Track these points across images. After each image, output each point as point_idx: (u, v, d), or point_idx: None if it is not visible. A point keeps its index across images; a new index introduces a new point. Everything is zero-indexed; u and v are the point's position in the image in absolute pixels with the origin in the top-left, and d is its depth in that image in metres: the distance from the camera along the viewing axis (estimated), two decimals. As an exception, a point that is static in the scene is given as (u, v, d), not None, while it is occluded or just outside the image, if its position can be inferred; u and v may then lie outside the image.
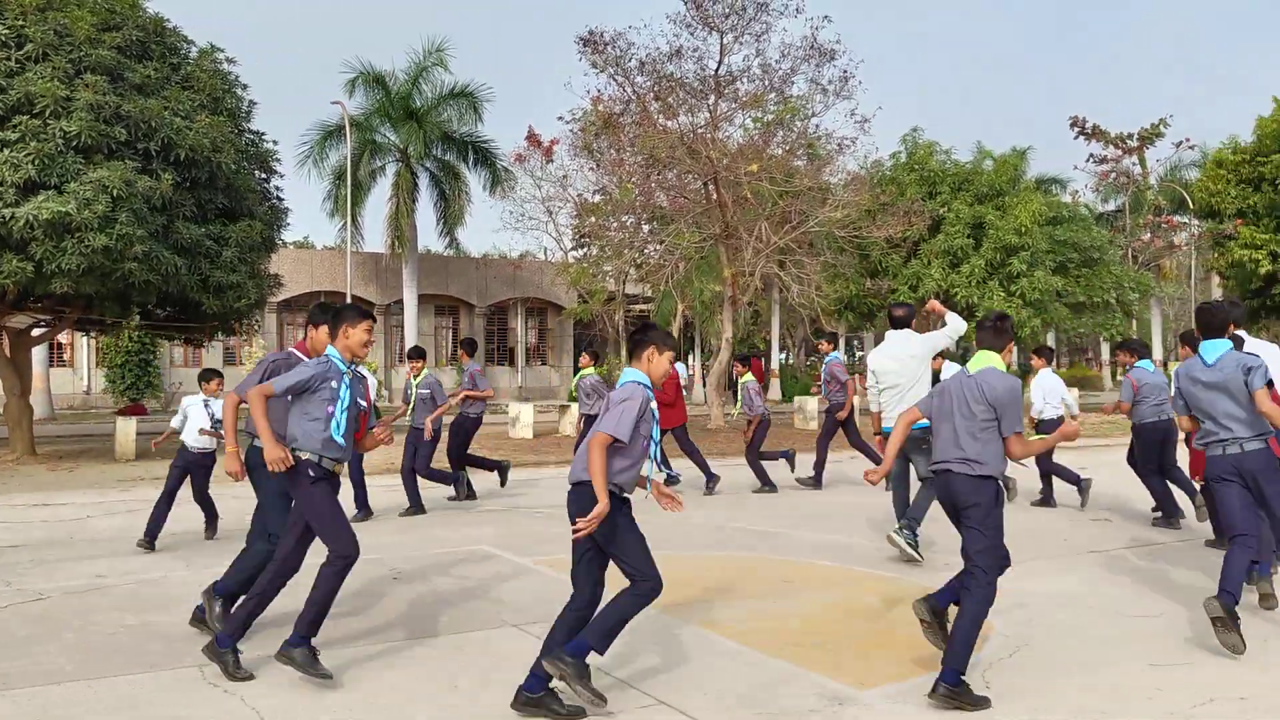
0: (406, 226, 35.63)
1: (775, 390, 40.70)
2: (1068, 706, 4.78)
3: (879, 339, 50.84)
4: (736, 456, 16.69)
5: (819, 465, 13.38)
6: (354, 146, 33.12)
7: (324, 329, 5.87)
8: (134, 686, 5.19)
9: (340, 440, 5.35)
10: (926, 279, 27.03)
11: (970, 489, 5.09)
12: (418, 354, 11.61)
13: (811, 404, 25.09)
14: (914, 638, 5.83)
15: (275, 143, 19.73)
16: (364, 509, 10.67)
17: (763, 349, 47.96)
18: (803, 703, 4.86)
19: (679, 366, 24.06)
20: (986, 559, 5.04)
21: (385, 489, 12.29)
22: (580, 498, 4.82)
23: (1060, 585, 7.37)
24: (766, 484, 12.95)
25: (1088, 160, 43.24)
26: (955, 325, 8.87)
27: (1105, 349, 48.00)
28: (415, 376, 11.47)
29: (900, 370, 8.65)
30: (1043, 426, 11.45)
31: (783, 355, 47.52)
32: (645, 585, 4.78)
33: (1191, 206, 37.19)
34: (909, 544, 8.02)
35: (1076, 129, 42.80)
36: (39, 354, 27.16)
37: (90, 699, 5.00)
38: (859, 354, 61.67)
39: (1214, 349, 6.11)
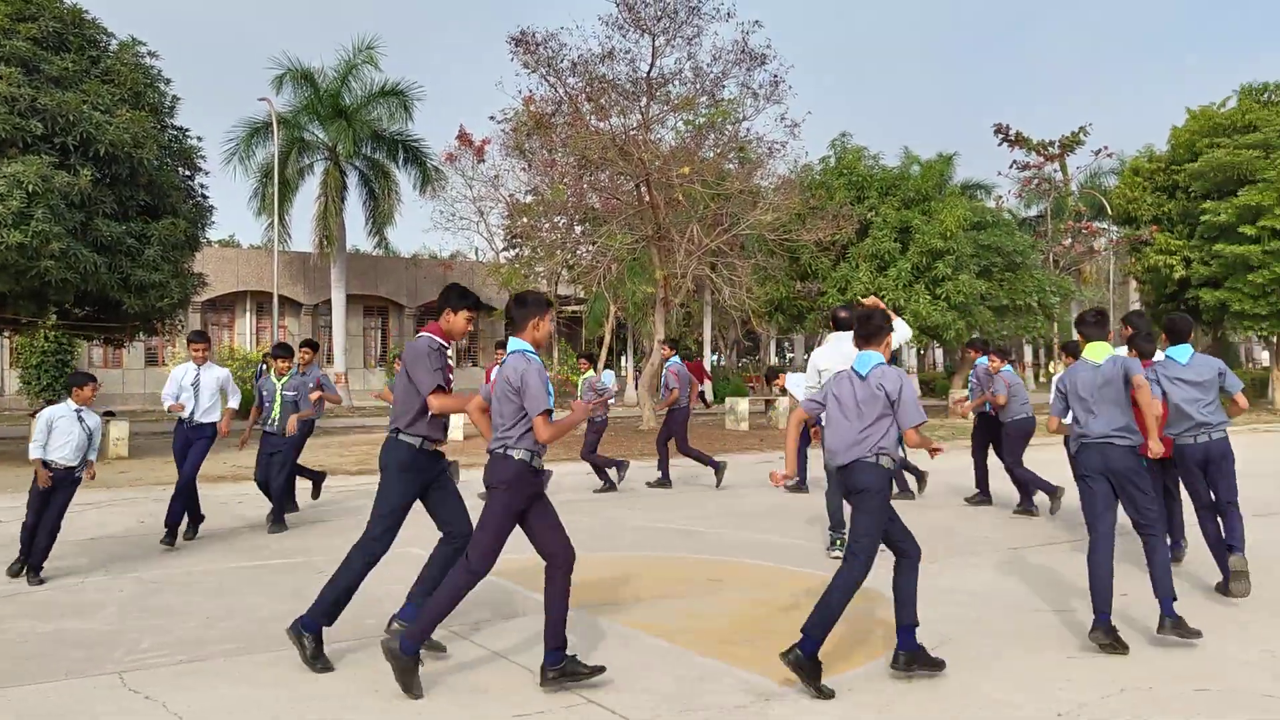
0: (335, 225, 35.15)
1: (708, 392, 40.93)
2: (985, 698, 4.91)
3: (809, 341, 51.32)
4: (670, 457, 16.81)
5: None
6: (282, 144, 32.57)
7: (462, 313, 5.80)
8: (50, 694, 5.07)
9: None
10: (855, 282, 27.37)
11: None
12: (284, 351, 10.49)
13: (743, 405, 25.32)
14: (837, 634, 5.93)
15: (200, 139, 19.36)
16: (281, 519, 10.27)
17: (695, 351, 48.22)
18: (729, 699, 4.93)
19: (607, 373, 24.14)
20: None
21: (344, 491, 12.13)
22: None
23: (980, 580, 7.55)
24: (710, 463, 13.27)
25: (1011, 167, 44.22)
26: (902, 331, 8.92)
27: (1028, 351, 49.12)
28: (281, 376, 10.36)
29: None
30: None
31: (715, 357, 47.81)
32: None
33: (1110, 213, 38.25)
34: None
35: (1000, 136, 43.76)
36: None
37: (2, 707, 4.88)
38: (789, 356, 62.32)
39: (1185, 353, 7.20)
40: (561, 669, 5.00)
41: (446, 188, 35.33)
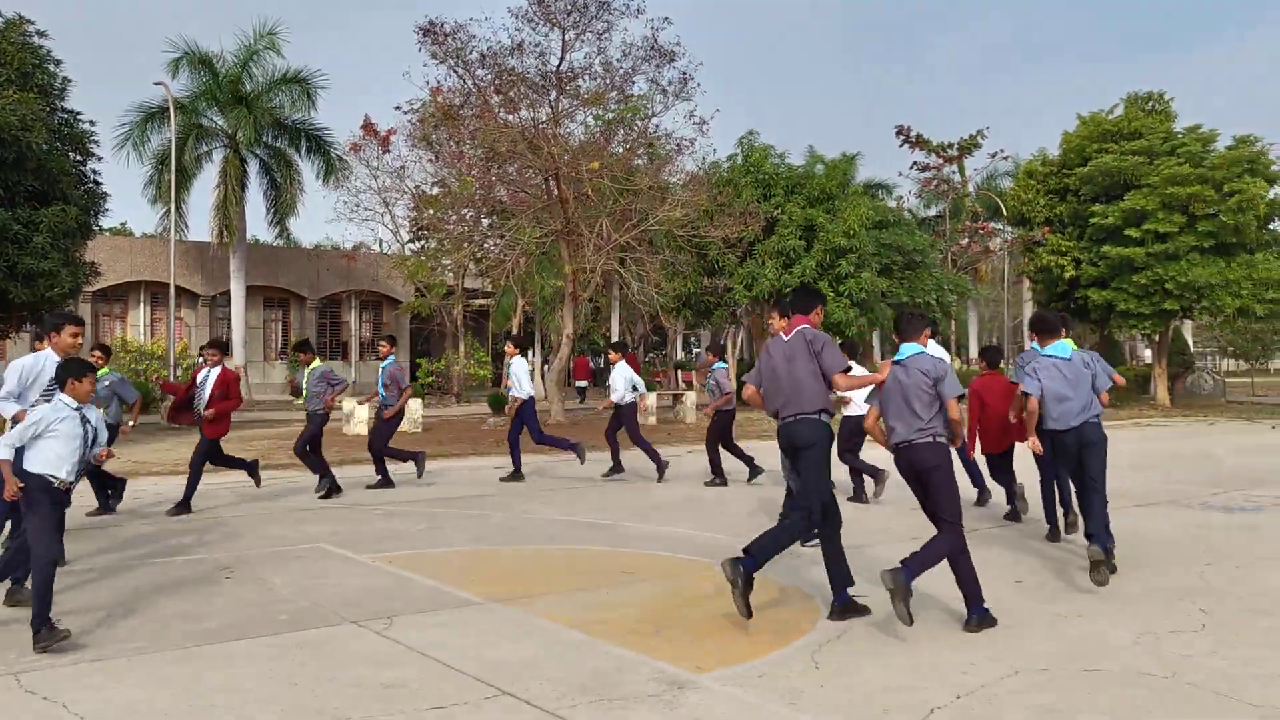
0: (235, 215, 34.29)
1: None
2: (890, 685, 5.08)
3: (714, 336, 51.85)
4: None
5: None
6: (179, 130, 31.61)
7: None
8: (-58, 697, 4.90)
9: None
10: (761, 278, 27.78)
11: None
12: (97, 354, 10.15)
13: (651, 399, 25.48)
14: (741, 622, 6.06)
15: (93, 123, 18.73)
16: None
17: (602, 345, 48.27)
18: (644, 688, 5.00)
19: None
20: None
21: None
22: None
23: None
24: (719, 476, 13.06)
25: (911, 168, 45.30)
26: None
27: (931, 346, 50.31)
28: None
29: None
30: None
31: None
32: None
33: (1005, 214, 39.46)
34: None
35: (902, 137, 44.75)
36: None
37: (-108, 711, 4.70)
38: (695, 351, 62.87)
39: (1065, 348, 7.79)
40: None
41: (351, 178, 34.72)
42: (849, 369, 6.50)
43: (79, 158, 18.50)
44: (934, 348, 9.25)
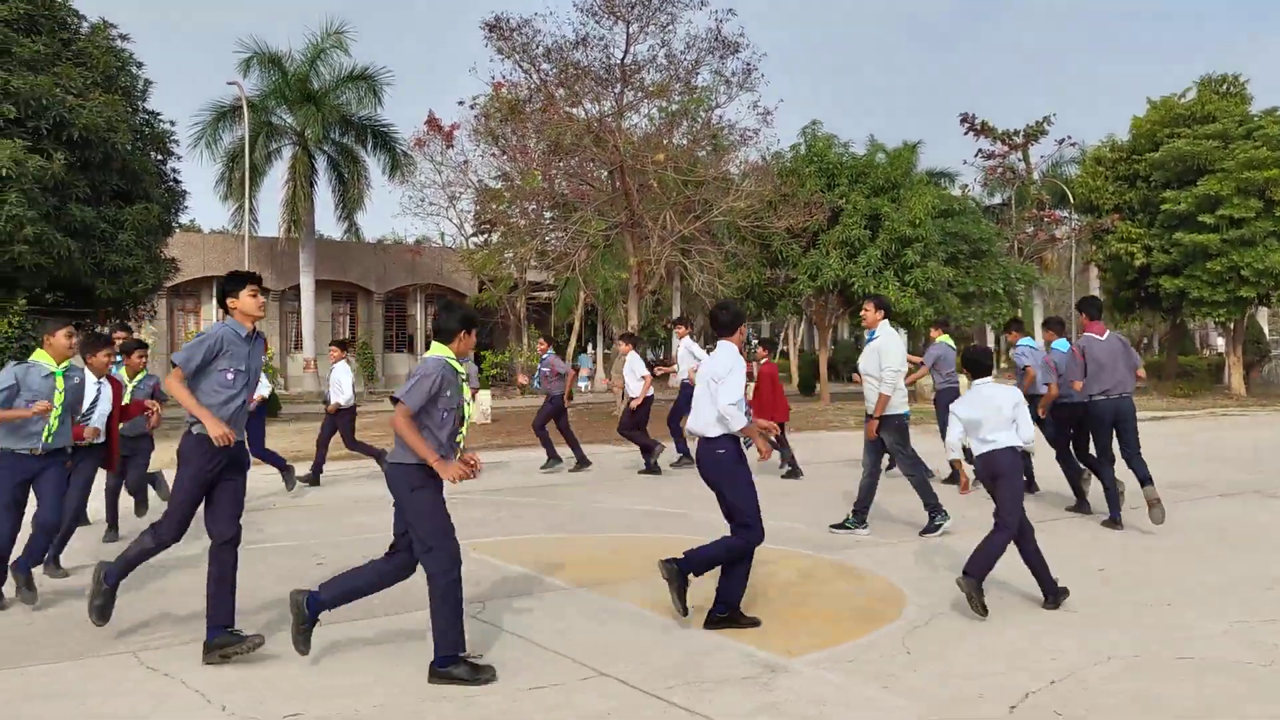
0: (303, 211, 34.94)
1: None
2: (979, 671, 5.12)
3: (774, 328, 51.56)
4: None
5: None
6: (250, 128, 32.29)
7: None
8: (66, 673, 5.15)
9: None
10: (825, 269, 27.63)
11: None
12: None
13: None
14: (830, 609, 6.15)
15: (172, 124, 19.26)
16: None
17: (664, 336, 48.41)
18: (735, 671, 5.11)
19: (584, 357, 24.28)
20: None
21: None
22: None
23: (947, 559, 7.77)
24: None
25: (976, 155, 44.74)
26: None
27: (990, 337, 49.76)
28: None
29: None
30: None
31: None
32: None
33: (1072, 201, 38.81)
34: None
35: (966, 125, 44.21)
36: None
37: (20, 687, 4.96)
38: (754, 342, 62.71)
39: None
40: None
41: (415, 173, 35.19)
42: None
43: (160, 157, 19.06)
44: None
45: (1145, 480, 8.84)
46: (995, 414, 6.35)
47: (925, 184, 30.17)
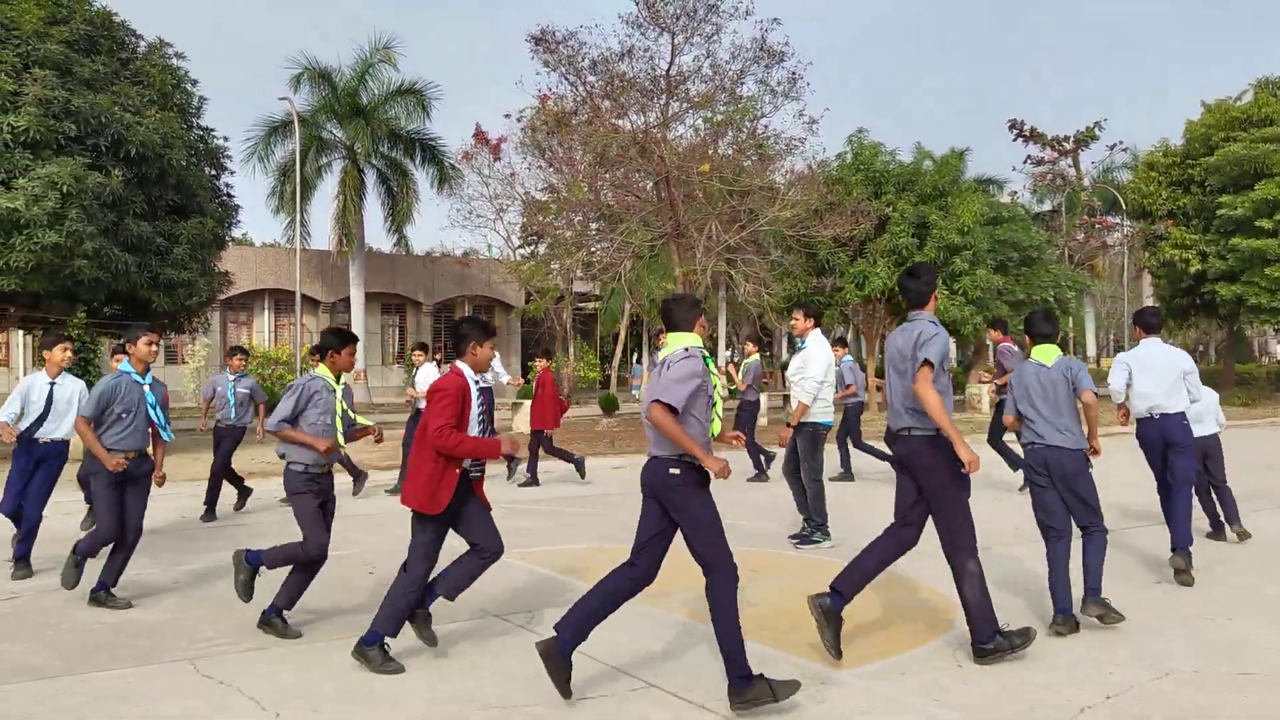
0: (353, 224, 35.40)
1: (722, 387, 41.04)
2: (1033, 683, 5.05)
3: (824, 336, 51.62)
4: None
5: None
6: (301, 143, 32.80)
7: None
8: (125, 680, 5.25)
9: None
10: (872, 277, 27.48)
11: None
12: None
13: (762, 400, 25.34)
14: (881, 620, 6.09)
15: (226, 139, 19.61)
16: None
17: (710, 346, 48.32)
18: (785, 683, 5.07)
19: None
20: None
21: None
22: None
23: (1017, 569, 7.68)
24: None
25: (1025, 162, 44.28)
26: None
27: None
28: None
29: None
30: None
31: (729, 353, 47.93)
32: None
33: (1124, 207, 38.25)
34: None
35: (1015, 131, 43.79)
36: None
37: (84, 692, 5.06)
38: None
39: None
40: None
41: (463, 186, 35.49)
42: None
43: (213, 172, 19.38)
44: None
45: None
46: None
47: (973, 191, 29.86)
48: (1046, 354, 6.23)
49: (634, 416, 28.06)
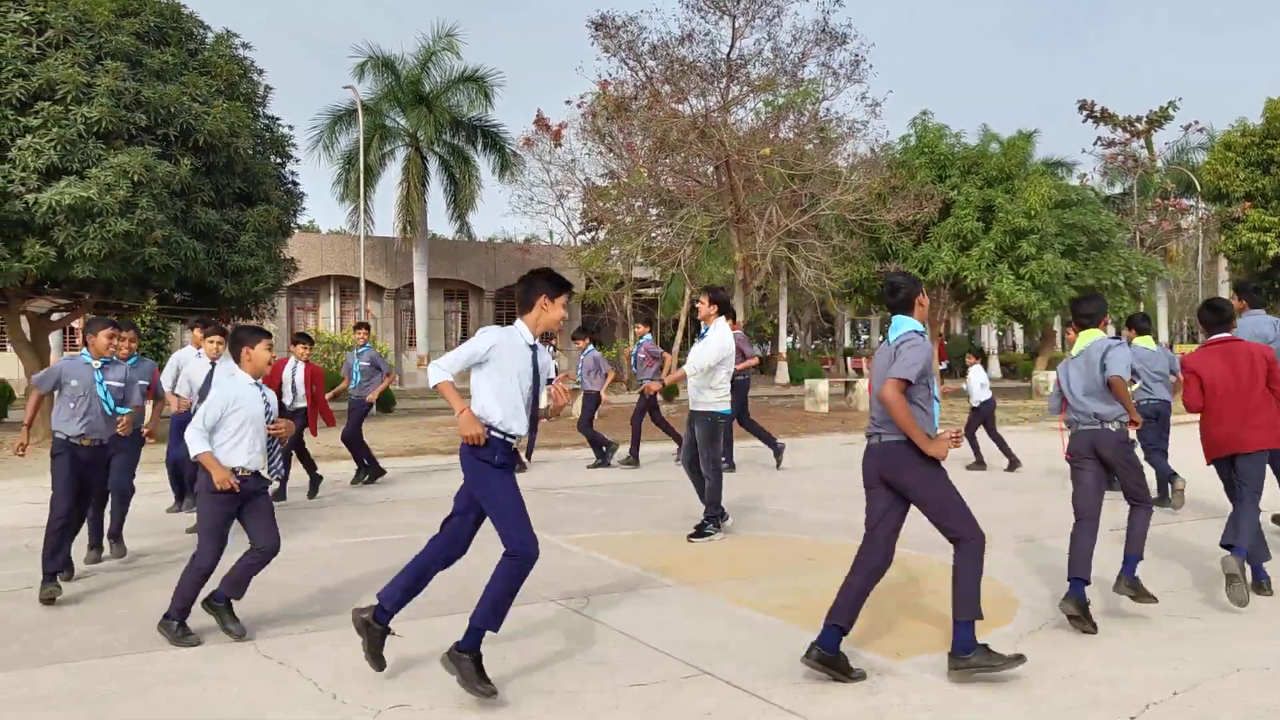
0: (417, 211, 35.75)
1: (784, 373, 40.87)
2: (1096, 676, 4.94)
3: (886, 323, 51.10)
4: (752, 439, 16.93)
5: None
6: (364, 131, 33.19)
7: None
8: (190, 661, 5.36)
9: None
10: (937, 262, 27.09)
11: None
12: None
13: (822, 387, 25.19)
14: (940, 611, 5.98)
15: (291, 128, 19.88)
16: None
17: (770, 332, 48.08)
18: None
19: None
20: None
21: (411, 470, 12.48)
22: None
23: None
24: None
25: (1095, 143, 43.26)
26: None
27: (1110, 331, 48.06)
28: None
29: None
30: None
31: (790, 339, 47.64)
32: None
33: (1199, 189, 37.22)
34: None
35: (1085, 112, 42.79)
36: (54, 339, 27.33)
37: (151, 671, 5.18)
38: (864, 337, 61.78)
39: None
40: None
41: (524, 172, 35.66)
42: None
43: (279, 160, 19.68)
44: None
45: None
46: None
47: (1041, 174, 29.25)
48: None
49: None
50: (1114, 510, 6.56)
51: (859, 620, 5.73)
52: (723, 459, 12.51)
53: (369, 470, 12.37)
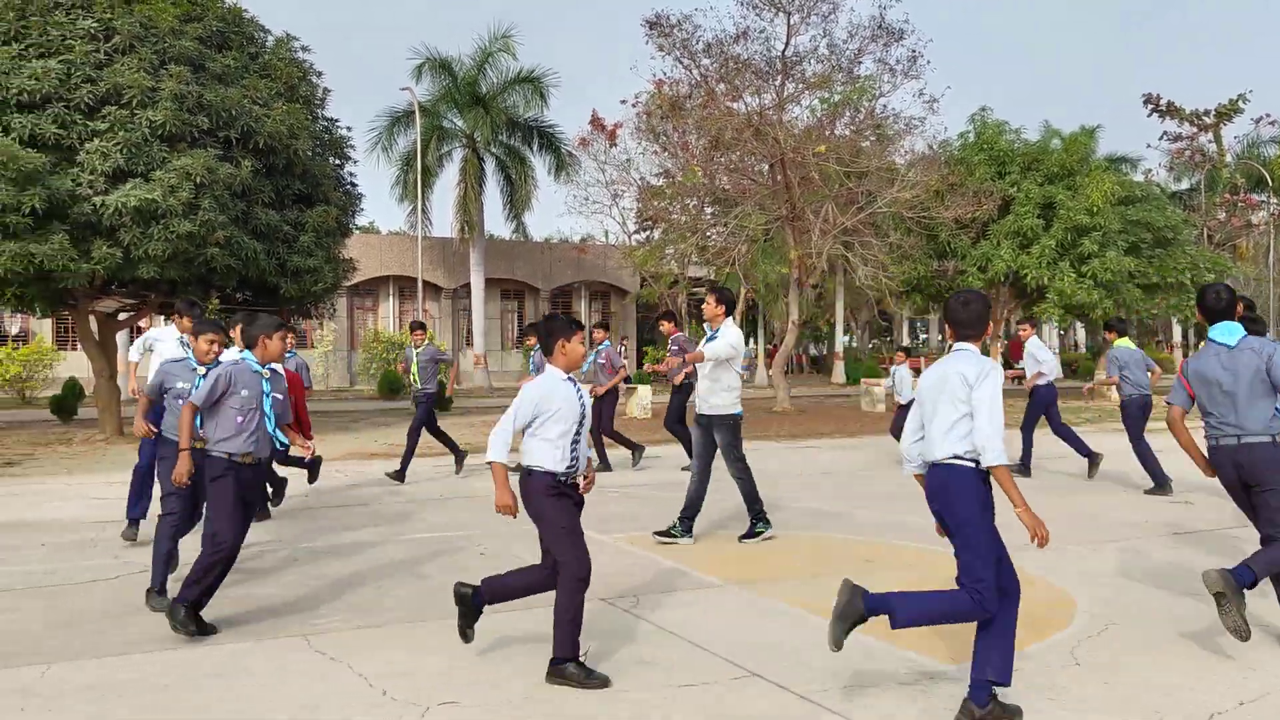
0: (474, 211, 36.00)
1: (840, 373, 40.56)
2: (1156, 684, 4.81)
3: (941, 321, 50.18)
4: (808, 439, 16.85)
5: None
6: (422, 132, 33.51)
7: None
8: (247, 654, 5.43)
9: None
10: (996, 260, 26.68)
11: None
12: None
13: (879, 387, 24.95)
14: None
15: (349, 129, 20.14)
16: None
17: (826, 331, 47.74)
18: (893, 676, 4.95)
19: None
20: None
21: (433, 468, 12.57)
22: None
23: (1140, 565, 7.34)
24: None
25: (1161, 138, 42.34)
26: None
27: (1177, 331, 47.00)
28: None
29: None
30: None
31: (846, 338, 47.25)
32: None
33: (1270, 184, 36.22)
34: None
35: (1150, 106, 41.89)
36: (120, 338, 27.95)
37: (209, 663, 5.26)
38: (923, 336, 61.09)
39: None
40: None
41: (579, 172, 35.79)
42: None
43: (337, 161, 19.95)
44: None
45: None
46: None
47: (1104, 170, 28.65)
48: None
49: (749, 403, 27.91)
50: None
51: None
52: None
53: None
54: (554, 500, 5.03)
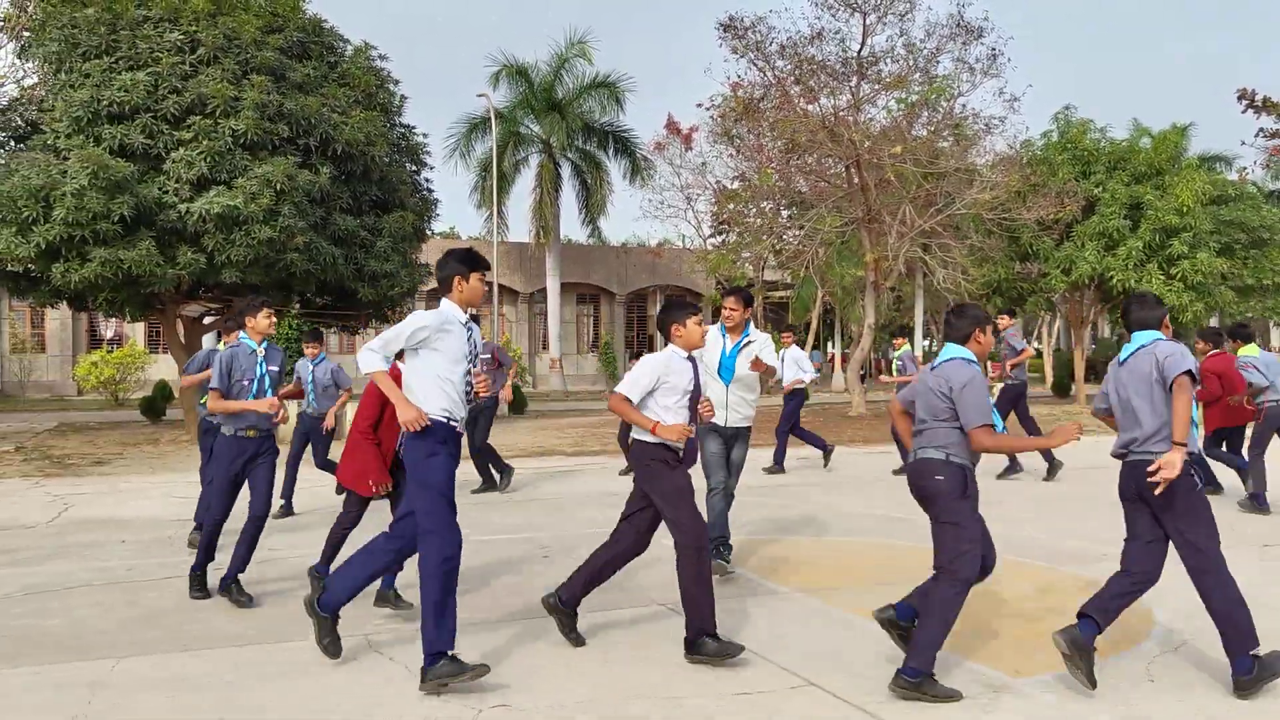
0: (550, 216, 36.29)
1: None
2: (1232, 705, 4.61)
3: (1027, 324, 49.11)
4: (882, 444, 16.64)
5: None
6: (499, 138, 33.87)
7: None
8: (308, 653, 5.50)
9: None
10: (1080, 262, 25.98)
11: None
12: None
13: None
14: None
15: (425, 136, 20.44)
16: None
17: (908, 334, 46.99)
18: (960, 689, 4.81)
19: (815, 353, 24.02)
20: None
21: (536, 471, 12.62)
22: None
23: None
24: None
25: (1256, 135, 40.79)
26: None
27: (1275, 334, 45.28)
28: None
29: None
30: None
31: (926, 342, 46.46)
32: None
33: (1375, 182, 34.68)
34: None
35: (1245, 102, 40.41)
36: (207, 341, 28.73)
37: (274, 661, 5.35)
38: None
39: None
40: None
41: (655, 176, 35.83)
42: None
43: (414, 168, 20.27)
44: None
45: None
46: None
47: (1195, 169, 27.71)
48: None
49: (821, 406, 27.62)
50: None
51: (980, 636, 5.51)
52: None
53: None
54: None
